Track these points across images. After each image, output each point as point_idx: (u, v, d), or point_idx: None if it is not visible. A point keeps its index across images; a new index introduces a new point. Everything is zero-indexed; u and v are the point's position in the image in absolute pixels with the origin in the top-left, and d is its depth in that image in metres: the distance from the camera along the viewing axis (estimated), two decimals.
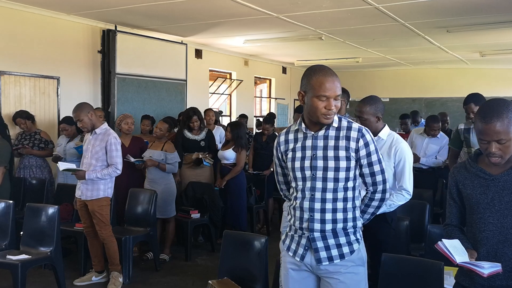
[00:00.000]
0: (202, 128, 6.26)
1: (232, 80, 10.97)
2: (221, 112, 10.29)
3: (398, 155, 3.37)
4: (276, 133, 7.56)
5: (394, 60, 11.55)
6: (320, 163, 2.37)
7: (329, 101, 2.31)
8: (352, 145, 2.37)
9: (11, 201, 4.64)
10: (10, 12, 6.31)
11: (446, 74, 12.83)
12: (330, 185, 2.36)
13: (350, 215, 2.40)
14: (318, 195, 2.37)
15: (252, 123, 10.90)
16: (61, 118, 6.69)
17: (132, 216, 5.28)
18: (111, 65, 7.43)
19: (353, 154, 2.38)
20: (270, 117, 8.17)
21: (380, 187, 2.47)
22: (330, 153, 2.37)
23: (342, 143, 2.38)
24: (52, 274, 4.51)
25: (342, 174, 2.36)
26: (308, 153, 2.41)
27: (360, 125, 2.45)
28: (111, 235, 4.65)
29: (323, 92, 2.30)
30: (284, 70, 12.96)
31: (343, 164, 2.36)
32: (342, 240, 2.38)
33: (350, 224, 2.40)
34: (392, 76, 13.46)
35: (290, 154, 2.47)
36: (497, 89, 11.47)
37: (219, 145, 6.84)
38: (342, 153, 2.37)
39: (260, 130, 7.50)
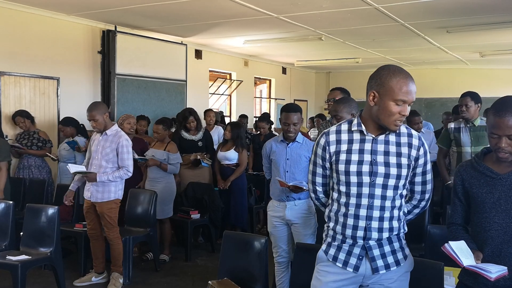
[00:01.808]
0: (199, 128, 6.26)
1: (232, 81, 10.97)
2: (222, 112, 10.29)
3: None
4: (276, 133, 7.55)
5: (394, 60, 11.55)
6: (381, 169, 2.24)
7: (405, 107, 2.18)
8: (413, 153, 2.28)
9: (11, 202, 4.63)
10: (10, 12, 6.31)
11: (446, 74, 12.82)
12: (390, 193, 2.25)
13: (402, 222, 2.35)
14: (377, 202, 2.25)
15: (252, 124, 10.89)
16: (61, 118, 6.69)
17: (132, 217, 5.28)
18: (111, 66, 7.43)
19: (412, 162, 2.29)
20: (265, 115, 8.18)
21: (427, 196, 2.41)
22: (392, 160, 2.25)
23: (405, 150, 2.27)
24: (52, 275, 4.51)
25: (401, 182, 2.27)
26: (367, 157, 2.26)
27: (418, 133, 2.37)
28: (118, 236, 4.65)
29: (403, 96, 2.16)
30: (284, 71, 12.96)
31: (404, 172, 2.26)
32: (396, 246, 2.31)
33: (402, 230, 2.35)
34: None
35: (343, 156, 2.30)
36: (497, 89, 11.40)
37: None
38: (404, 161, 2.26)
39: (258, 132, 7.49)
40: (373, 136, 2.28)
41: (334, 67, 13.50)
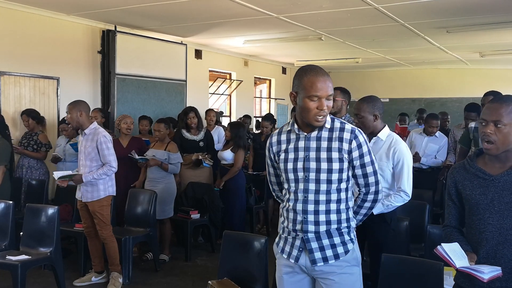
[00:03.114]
0: (201, 128, 6.26)
1: (232, 81, 10.97)
2: (222, 112, 10.29)
3: (397, 156, 3.36)
4: None
5: (394, 60, 11.55)
6: (313, 164, 2.35)
7: (321, 101, 2.28)
8: (345, 146, 2.35)
9: (11, 202, 4.63)
10: (10, 12, 6.31)
11: (446, 74, 12.83)
12: (323, 186, 2.35)
13: (343, 216, 2.39)
14: (311, 197, 2.35)
15: (252, 123, 10.89)
16: (60, 118, 6.69)
17: (132, 217, 5.28)
18: (111, 66, 7.43)
19: (346, 156, 2.35)
20: (269, 115, 8.18)
21: (372, 188, 2.45)
22: (323, 155, 2.35)
23: (335, 144, 2.35)
24: (52, 275, 4.51)
25: (335, 176, 2.34)
26: (301, 154, 2.38)
27: (353, 126, 2.42)
28: (112, 235, 4.65)
29: (315, 92, 2.27)
30: (284, 71, 12.97)
31: (336, 165, 2.34)
32: (337, 240, 2.37)
33: (344, 224, 2.39)
34: (392, 77, 13.45)
35: (282, 155, 2.44)
36: (497, 89, 11.41)
37: (219, 145, 6.84)
38: (335, 155, 2.34)
39: (259, 131, 7.48)
40: (306, 133, 2.39)
41: (334, 67, 13.49)
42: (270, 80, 12.75)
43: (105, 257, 4.81)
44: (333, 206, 2.36)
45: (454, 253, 2.09)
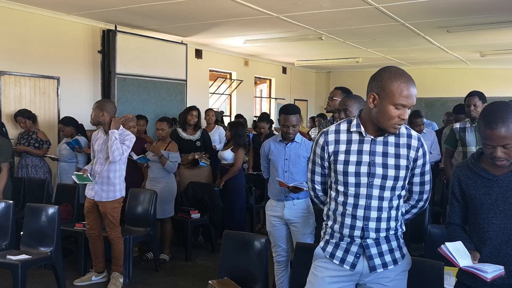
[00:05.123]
0: (198, 127, 6.26)
1: (232, 80, 10.97)
2: (222, 112, 10.28)
3: None
4: (276, 132, 7.56)
5: (394, 60, 11.55)
6: (379, 170, 2.24)
7: (404, 111, 2.16)
8: (412, 154, 2.27)
9: (11, 201, 4.63)
10: (10, 12, 6.31)
11: (446, 74, 12.83)
12: (387, 193, 2.25)
13: (400, 222, 2.35)
14: (374, 203, 2.25)
15: (251, 123, 10.88)
16: (61, 118, 6.69)
17: (132, 216, 5.28)
18: (111, 65, 7.44)
19: (411, 163, 2.28)
20: (264, 115, 8.18)
21: (425, 196, 2.41)
22: (391, 161, 2.24)
23: (404, 151, 2.26)
24: (52, 274, 4.52)
25: (400, 183, 2.27)
26: (365, 158, 2.25)
27: (418, 133, 2.35)
28: (120, 236, 4.65)
29: (403, 101, 2.13)
30: (284, 70, 12.96)
31: (402, 173, 2.25)
32: (394, 244, 2.31)
33: (399, 229, 2.35)
34: None
35: (341, 157, 2.29)
36: (497, 89, 11.45)
37: (220, 145, 6.85)
38: (403, 162, 2.25)
39: (259, 132, 7.48)
40: (372, 137, 2.27)
41: (334, 67, 13.50)
42: (270, 80, 12.75)
43: (107, 257, 4.81)
44: (393, 213, 2.29)
45: (457, 252, 2.09)
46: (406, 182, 2.32)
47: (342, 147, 2.31)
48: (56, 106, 6.97)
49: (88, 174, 4.57)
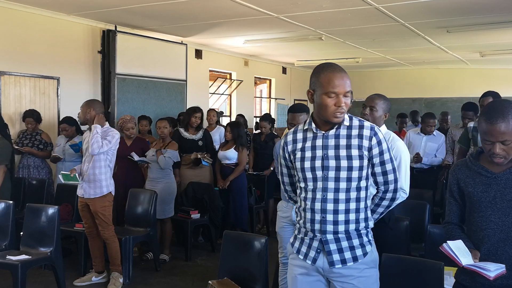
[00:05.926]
0: (200, 127, 6.27)
1: (232, 80, 10.97)
2: (222, 112, 10.28)
3: (393, 154, 3.36)
4: (275, 133, 7.57)
5: (394, 60, 11.55)
6: (332, 162, 2.30)
7: (338, 98, 2.25)
8: (365, 143, 2.31)
9: (11, 201, 4.64)
10: (10, 12, 6.31)
11: (446, 74, 12.83)
12: (343, 185, 2.30)
13: (362, 215, 2.35)
14: (330, 195, 2.30)
15: (252, 123, 10.89)
16: (61, 118, 6.69)
17: (132, 216, 5.28)
18: (111, 65, 7.43)
19: (366, 153, 2.31)
20: (267, 115, 8.19)
21: (391, 186, 2.41)
22: (342, 152, 2.30)
23: (355, 141, 2.31)
24: (52, 274, 4.52)
25: (355, 174, 2.30)
26: (319, 152, 2.33)
27: (372, 123, 2.39)
28: (114, 235, 4.65)
29: (332, 88, 2.25)
30: (284, 70, 12.96)
31: (356, 163, 2.29)
32: (355, 242, 2.32)
33: (362, 224, 2.35)
34: (392, 76, 13.45)
35: (298, 154, 2.39)
36: (497, 89, 11.25)
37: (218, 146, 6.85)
38: (354, 152, 2.30)
39: (259, 131, 7.49)
40: (323, 132, 2.36)
41: None
42: (270, 80, 12.74)
43: (106, 257, 4.81)
44: (352, 205, 2.32)
45: (459, 250, 2.09)
46: (364, 172, 2.33)
47: (299, 145, 2.41)
48: (56, 106, 6.97)
49: (76, 174, 4.58)
